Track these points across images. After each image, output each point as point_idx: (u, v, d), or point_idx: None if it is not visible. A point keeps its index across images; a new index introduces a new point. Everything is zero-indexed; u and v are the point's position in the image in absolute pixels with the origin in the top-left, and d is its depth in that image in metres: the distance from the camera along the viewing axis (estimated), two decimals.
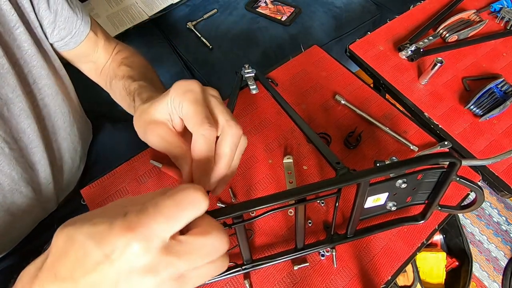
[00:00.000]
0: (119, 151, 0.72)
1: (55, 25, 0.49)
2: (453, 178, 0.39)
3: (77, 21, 0.52)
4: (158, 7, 1.24)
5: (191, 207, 0.23)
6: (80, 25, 0.53)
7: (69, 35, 0.52)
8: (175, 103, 0.33)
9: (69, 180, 0.65)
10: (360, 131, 0.60)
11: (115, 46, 0.60)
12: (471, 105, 0.63)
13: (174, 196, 0.23)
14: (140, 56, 0.60)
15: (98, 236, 0.21)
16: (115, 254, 0.20)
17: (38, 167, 0.54)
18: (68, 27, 0.51)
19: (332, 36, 1.22)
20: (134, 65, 0.55)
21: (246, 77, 0.65)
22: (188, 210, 0.23)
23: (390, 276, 0.47)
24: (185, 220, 0.23)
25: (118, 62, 0.56)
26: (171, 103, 0.33)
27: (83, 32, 0.53)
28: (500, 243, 1.25)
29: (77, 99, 0.65)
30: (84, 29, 0.54)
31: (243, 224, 0.36)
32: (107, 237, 0.20)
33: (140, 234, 0.20)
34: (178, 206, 0.22)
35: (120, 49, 0.60)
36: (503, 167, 0.57)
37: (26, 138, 0.50)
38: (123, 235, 0.20)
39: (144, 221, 0.21)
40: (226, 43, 1.19)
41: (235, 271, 0.43)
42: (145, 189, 0.55)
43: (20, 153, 0.49)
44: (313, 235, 0.50)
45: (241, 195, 0.54)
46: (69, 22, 0.51)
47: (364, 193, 0.38)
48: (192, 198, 0.23)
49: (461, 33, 0.73)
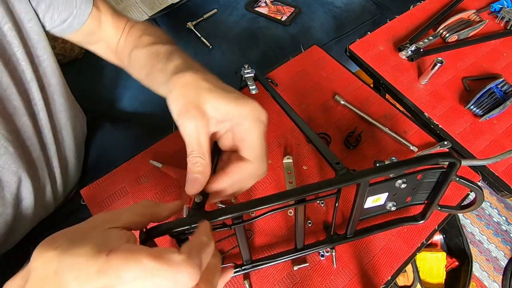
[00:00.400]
0: (119, 151, 0.72)
1: (53, 8, 0.47)
2: (453, 178, 0.39)
3: (76, 0, 0.49)
4: (158, 7, 1.24)
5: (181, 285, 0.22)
6: (81, 4, 0.50)
7: (70, 16, 0.49)
8: (242, 123, 0.32)
9: (67, 178, 0.64)
10: (360, 131, 0.60)
11: (126, 22, 0.56)
12: (471, 105, 0.63)
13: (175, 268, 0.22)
14: (156, 27, 0.56)
15: (78, 271, 0.21)
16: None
17: (38, 164, 0.54)
18: (68, 8, 0.48)
19: (332, 36, 1.22)
20: (156, 34, 0.51)
21: (245, 77, 0.65)
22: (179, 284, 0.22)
23: (390, 276, 0.47)
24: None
25: (137, 35, 0.53)
26: (238, 117, 0.32)
27: (85, 11, 0.50)
28: (500, 243, 1.25)
29: (71, 97, 0.63)
30: (86, 8, 0.50)
31: (243, 224, 0.36)
32: (87, 275, 0.21)
33: (121, 285, 0.21)
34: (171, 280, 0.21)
35: (133, 24, 0.56)
36: (503, 167, 0.57)
37: (25, 136, 0.50)
38: (105, 276, 0.20)
39: (124, 273, 0.21)
40: (226, 43, 1.19)
41: (235, 272, 0.44)
42: (145, 189, 0.55)
43: (22, 151, 0.50)
44: (312, 235, 0.50)
45: (241, 195, 0.54)
46: (68, 2, 0.48)
47: (364, 193, 0.38)
48: (186, 279, 0.22)
49: (461, 33, 0.73)
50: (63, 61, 1.08)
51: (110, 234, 0.24)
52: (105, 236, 0.23)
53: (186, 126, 0.31)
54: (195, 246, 0.25)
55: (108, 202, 0.54)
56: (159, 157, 0.58)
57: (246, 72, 0.65)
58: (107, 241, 0.23)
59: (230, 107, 0.32)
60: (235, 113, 0.32)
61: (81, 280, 0.20)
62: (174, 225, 0.31)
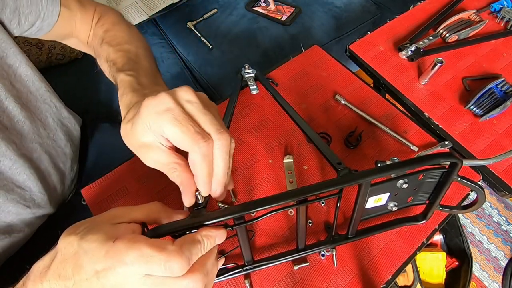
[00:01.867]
0: (119, 151, 0.71)
1: (19, 12, 0.45)
2: (454, 178, 0.39)
3: (41, 1, 0.46)
4: (158, 7, 1.24)
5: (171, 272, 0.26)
6: (47, 5, 0.47)
7: (38, 19, 0.47)
8: (155, 128, 0.31)
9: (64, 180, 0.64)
10: (360, 131, 0.60)
11: (94, 13, 0.54)
12: (471, 105, 0.63)
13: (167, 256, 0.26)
14: (122, 24, 0.54)
15: (91, 253, 0.26)
16: (102, 273, 0.26)
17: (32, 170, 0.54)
18: (34, 10, 0.46)
19: (332, 36, 1.22)
20: (115, 43, 0.49)
21: (246, 77, 0.65)
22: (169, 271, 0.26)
23: (390, 276, 0.47)
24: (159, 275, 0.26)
25: (99, 38, 0.51)
26: (149, 128, 0.31)
27: (53, 12, 0.48)
28: (500, 243, 1.25)
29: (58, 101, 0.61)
30: (54, 8, 0.48)
31: (245, 225, 0.36)
32: (97, 257, 0.26)
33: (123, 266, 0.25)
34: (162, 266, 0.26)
35: (99, 16, 0.54)
36: (503, 167, 0.57)
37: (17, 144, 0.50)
38: (111, 259, 0.26)
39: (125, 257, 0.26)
40: (226, 43, 1.19)
41: (237, 272, 0.43)
42: (145, 189, 0.55)
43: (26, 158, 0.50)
44: (313, 235, 0.50)
45: (242, 195, 0.54)
46: (33, 4, 0.45)
47: (365, 193, 0.38)
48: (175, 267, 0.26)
49: (461, 33, 0.73)
50: (63, 61, 1.08)
51: (119, 226, 0.29)
52: (114, 227, 0.28)
53: (147, 163, 0.35)
54: (188, 241, 0.28)
55: (108, 201, 0.54)
56: None
57: (246, 72, 0.65)
58: (115, 231, 0.28)
59: (143, 125, 0.32)
60: (148, 127, 0.31)
61: (93, 261, 0.26)
62: (176, 226, 0.31)
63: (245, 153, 0.58)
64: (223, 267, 0.45)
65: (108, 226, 0.28)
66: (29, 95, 0.52)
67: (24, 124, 0.51)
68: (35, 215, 0.56)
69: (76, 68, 1.10)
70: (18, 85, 0.49)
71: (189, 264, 0.27)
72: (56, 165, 0.59)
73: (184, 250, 0.27)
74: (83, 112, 0.76)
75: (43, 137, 0.56)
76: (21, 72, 0.49)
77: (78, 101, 0.97)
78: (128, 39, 0.51)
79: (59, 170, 0.61)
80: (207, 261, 0.30)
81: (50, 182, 0.58)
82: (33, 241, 0.59)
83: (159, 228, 0.31)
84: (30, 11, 0.46)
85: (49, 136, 0.57)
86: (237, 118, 0.62)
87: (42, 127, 0.55)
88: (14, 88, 0.48)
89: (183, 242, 0.28)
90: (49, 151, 0.57)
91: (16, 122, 0.49)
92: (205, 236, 0.30)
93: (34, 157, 0.53)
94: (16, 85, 0.49)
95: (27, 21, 0.46)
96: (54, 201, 0.61)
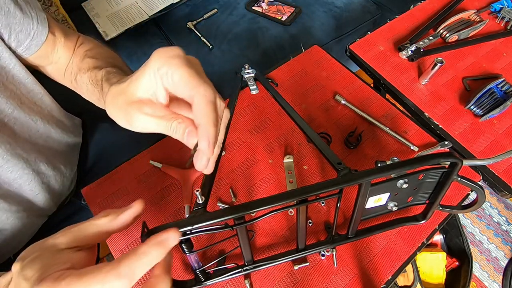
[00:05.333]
0: (119, 151, 0.72)
1: (10, 29, 0.45)
2: (454, 178, 0.39)
3: (32, 21, 0.47)
4: (158, 7, 1.24)
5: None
6: (38, 25, 0.48)
7: (28, 38, 0.47)
8: (162, 72, 0.29)
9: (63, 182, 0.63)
10: (360, 131, 0.60)
11: (77, 41, 0.54)
12: (471, 105, 0.63)
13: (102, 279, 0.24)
14: (106, 47, 0.55)
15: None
16: None
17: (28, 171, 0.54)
18: (25, 28, 0.46)
19: (332, 36, 1.22)
20: (99, 56, 0.50)
21: (246, 77, 0.65)
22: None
23: (390, 276, 0.47)
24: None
25: (81, 55, 0.51)
26: (155, 74, 0.30)
27: (42, 32, 0.48)
28: (500, 243, 1.25)
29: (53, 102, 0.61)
30: (43, 29, 0.49)
31: (245, 225, 0.36)
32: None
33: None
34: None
35: (82, 41, 0.54)
36: (503, 167, 0.57)
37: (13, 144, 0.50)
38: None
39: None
40: (226, 43, 1.19)
41: (237, 272, 0.43)
42: (145, 189, 0.55)
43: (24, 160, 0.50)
44: (313, 235, 0.50)
45: (242, 195, 0.54)
46: (25, 23, 0.46)
47: (365, 193, 0.38)
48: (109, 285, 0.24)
49: (461, 33, 0.73)
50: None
51: (56, 257, 0.27)
52: (51, 260, 0.26)
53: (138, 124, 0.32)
54: (128, 256, 0.25)
55: (108, 201, 0.54)
56: (159, 157, 0.58)
57: (246, 72, 0.65)
58: (49, 266, 0.26)
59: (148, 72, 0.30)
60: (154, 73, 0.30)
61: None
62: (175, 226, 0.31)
63: (245, 153, 0.58)
64: (223, 267, 0.45)
65: (49, 257, 0.27)
66: (23, 97, 0.52)
67: (16, 124, 0.51)
68: (31, 214, 0.56)
69: None
70: (11, 86, 0.50)
71: (132, 281, 0.25)
72: (52, 165, 0.59)
73: (122, 268, 0.24)
74: (82, 112, 0.76)
75: (37, 138, 0.56)
76: (14, 74, 0.49)
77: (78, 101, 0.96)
78: (112, 55, 0.52)
79: (56, 170, 0.60)
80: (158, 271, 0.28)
81: (47, 182, 0.58)
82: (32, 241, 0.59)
83: (153, 232, 0.30)
84: (21, 29, 0.46)
85: (43, 137, 0.57)
86: (237, 118, 0.62)
87: (36, 128, 0.55)
88: (7, 89, 0.49)
89: (121, 259, 0.25)
90: (43, 152, 0.57)
91: (8, 122, 0.50)
92: (154, 244, 0.27)
93: (29, 157, 0.53)
94: (9, 86, 0.49)
95: (16, 38, 0.46)
96: (53, 201, 0.61)
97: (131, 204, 0.30)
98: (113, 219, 0.29)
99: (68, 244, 0.28)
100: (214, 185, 0.55)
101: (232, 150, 0.59)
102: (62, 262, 0.26)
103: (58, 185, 0.61)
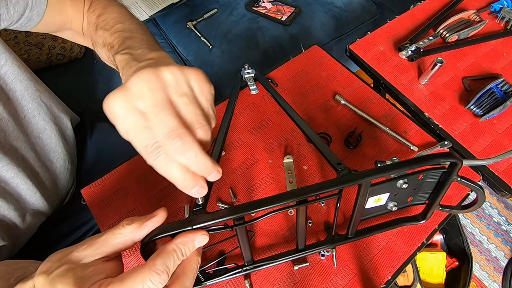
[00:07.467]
0: (119, 151, 0.72)
1: (6, 1, 0.43)
2: (454, 178, 0.39)
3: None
4: (158, 7, 1.24)
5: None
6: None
7: (27, 8, 0.45)
8: None
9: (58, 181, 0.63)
10: (360, 131, 0.60)
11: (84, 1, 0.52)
12: (471, 105, 0.63)
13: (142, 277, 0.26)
14: (113, 6, 0.51)
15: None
16: None
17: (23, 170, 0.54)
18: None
19: (332, 36, 1.22)
20: (108, 25, 0.47)
21: (246, 77, 0.65)
22: None
23: (390, 276, 0.47)
24: None
25: (93, 24, 0.49)
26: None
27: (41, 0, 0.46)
28: (500, 243, 1.25)
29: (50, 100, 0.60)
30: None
31: (245, 225, 0.36)
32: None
33: None
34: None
35: (90, 2, 0.51)
36: (503, 167, 0.57)
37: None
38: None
39: None
40: (226, 43, 1.19)
41: (237, 273, 0.43)
42: (145, 189, 0.55)
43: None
44: (313, 235, 0.50)
45: (242, 195, 0.54)
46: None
47: (365, 193, 0.38)
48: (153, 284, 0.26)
49: (461, 33, 0.73)
50: (63, 61, 1.08)
51: (89, 270, 0.27)
52: (84, 273, 0.27)
53: None
54: (160, 254, 0.28)
55: (108, 201, 0.54)
56: None
57: (246, 72, 0.65)
58: (85, 278, 0.26)
59: None
60: None
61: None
62: (172, 227, 0.31)
63: (245, 153, 0.58)
64: (223, 267, 0.45)
65: (81, 270, 0.27)
66: (15, 93, 0.51)
67: (8, 122, 0.50)
68: (29, 214, 0.56)
69: (76, 68, 1.10)
70: (1, 82, 0.49)
71: (167, 276, 0.27)
72: (45, 163, 0.59)
73: (158, 265, 0.27)
74: (82, 112, 0.76)
75: (30, 136, 0.55)
76: (5, 70, 0.49)
77: (78, 100, 0.97)
78: (120, 19, 0.49)
79: (50, 168, 0.60)
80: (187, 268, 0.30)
81: (41, 180, 0.58)
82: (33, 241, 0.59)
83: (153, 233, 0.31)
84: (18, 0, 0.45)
85: (36, 135, 0.57)
86: (237, 118, 0.62)
87: (29, 126, 0.55)
88: None
89: (155, 257, 0.28)
90: (36, 150, 0.57)
91: (1, 120, 0.49)
92: (180, 243, 0.30)
93: (20, 155, 0.53)
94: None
95: (15, 10, 0.45)
96: (51, 200, 0.61)
97: (155, 212, 0.31)
98: (138, 228, 0.30)
99: (96, 255, 0.28)
100: (214, 185, 0.55)
101: (232, 150, 0.59)
102: (98, 273, 0.27)
103: (51, 183, 0.61)
